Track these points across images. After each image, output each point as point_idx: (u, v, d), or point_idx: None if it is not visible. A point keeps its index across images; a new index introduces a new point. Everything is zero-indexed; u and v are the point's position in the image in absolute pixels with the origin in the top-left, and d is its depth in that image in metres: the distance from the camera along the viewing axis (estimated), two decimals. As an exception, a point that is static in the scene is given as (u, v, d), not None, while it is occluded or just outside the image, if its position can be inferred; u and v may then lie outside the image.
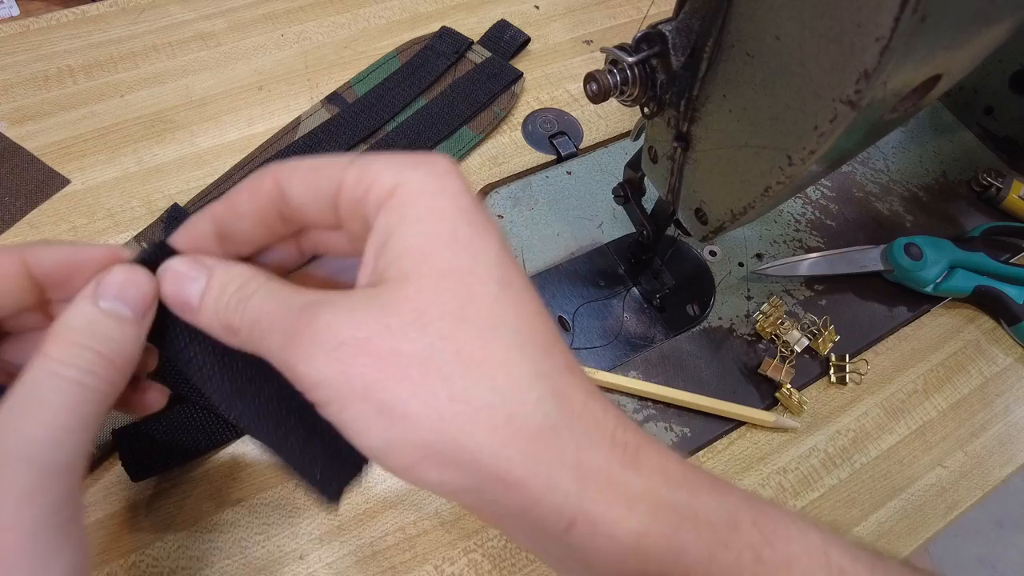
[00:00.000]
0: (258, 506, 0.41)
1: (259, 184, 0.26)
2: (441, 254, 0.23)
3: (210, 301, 0.26)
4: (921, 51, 0.26)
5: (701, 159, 0.36)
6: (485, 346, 0.23)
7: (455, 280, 0.23)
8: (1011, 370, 0.51)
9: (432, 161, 0.25)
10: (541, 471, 0.22)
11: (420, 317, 0.23)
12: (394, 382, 0.22)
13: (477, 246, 0.24)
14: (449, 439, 0.22)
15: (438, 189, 0.24)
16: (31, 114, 0.54)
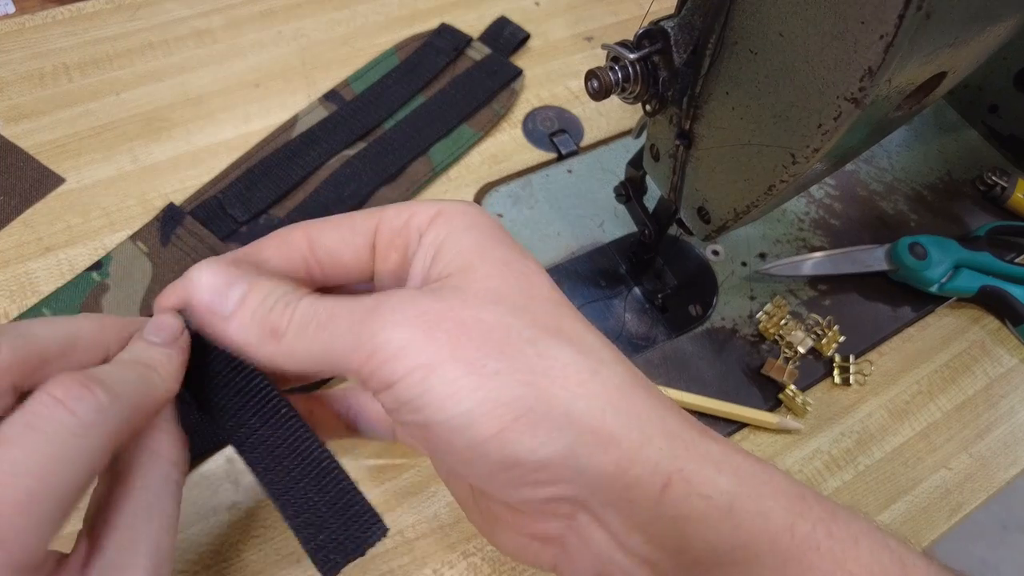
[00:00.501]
0: (255, 509, 0.40)
1: (288, 235, 0.27)
2: (498, 249, 0.25)
3: (250, 306, 0.25)
4: (925, 48, 0.26)
5: (704, 157, 0.36)
6: (559, 320, 0.24)
7: (516, 269, 0.25)
8: (1016, 371, 0.51)
9: (460, 201, 0.27)
10: (635, 424, 0.22)
11: (493, 293, 0.23)
12: (480, 342, 0.22)
13: (524, 253, 0.26)
14: (542, 394, 0.22)
15: (477, 211, 0.26)
16: (26, 112, 0.53)
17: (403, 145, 0.54)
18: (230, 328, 0.25)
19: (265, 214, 0.50)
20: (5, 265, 0.46)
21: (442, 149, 0.55)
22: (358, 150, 0.54)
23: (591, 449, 0.22)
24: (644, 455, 0.22)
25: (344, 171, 0.52)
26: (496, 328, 0.23)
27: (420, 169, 0.54)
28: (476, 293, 0.23)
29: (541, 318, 0.23)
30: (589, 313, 0.49)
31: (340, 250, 0.27)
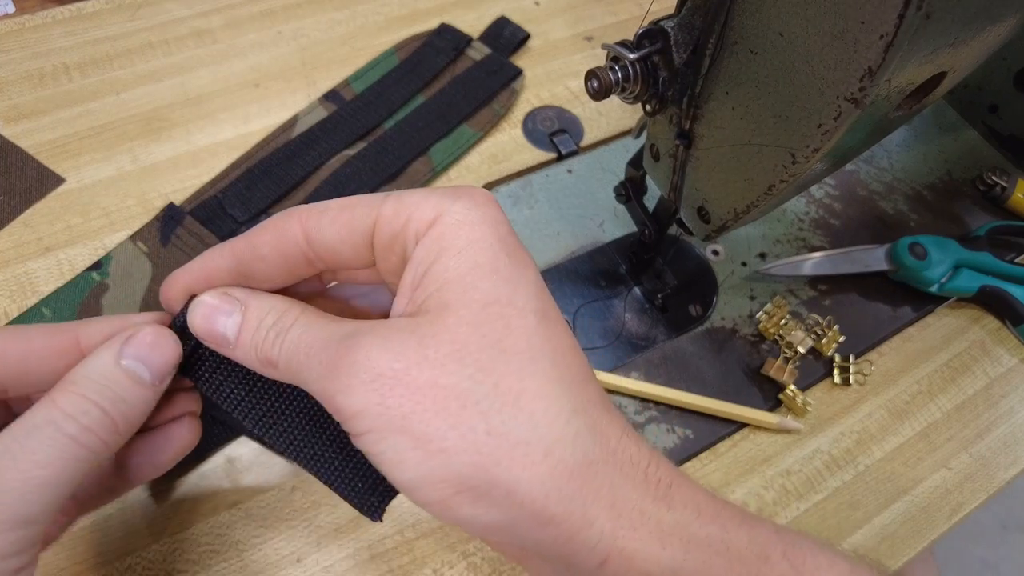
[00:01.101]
0: (255, 509, 0.40)
1: (284, 227, 0.26)
2: (481, 285, 0.23)
3: (247, 336, 0.26)
4: (925, 48, 0.26)
5: (704, 157, 0.36)
6: (523, 379, 0.23)
7: (495, 312, 0.23)
8: (1016, 371, 0.51)
9: (470, 192, 0.25)
10: (577, 508, 0.22)
11: (459, 349, 0.22)
12: (432, 414, 0.22)
13: (517, 277, 0.24)
14: (485, 473, 0.21)
15: (479, 219, 0.24)
16: (26, 112, 0.53)
17: (403, 145, 0.54)
18: (237, 356, 0.26)
19: (265, 214, 0.50)
20: (5, 265, 0.46)
21: (442, 149, 0.55)
22: (358, 150, 0.54)
23: (530, 525, 0.22)
24: (583, 536, 0.22)
25: (344, 171, 0.52)
26: (451, 396, 0.22)
27: (420, 169, 0.54)
28: (441, 345, 0.23)
29: (505, 380, 0.22)
30: (589, 313, 0.49)
31: (338, 247, 0.26)
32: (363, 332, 0.23)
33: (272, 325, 0.25)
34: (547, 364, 0.23)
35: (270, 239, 0.26)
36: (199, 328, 0.27)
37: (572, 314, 0.49)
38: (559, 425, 0.22)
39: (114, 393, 0.26)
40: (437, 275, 0.24)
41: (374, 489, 0.29)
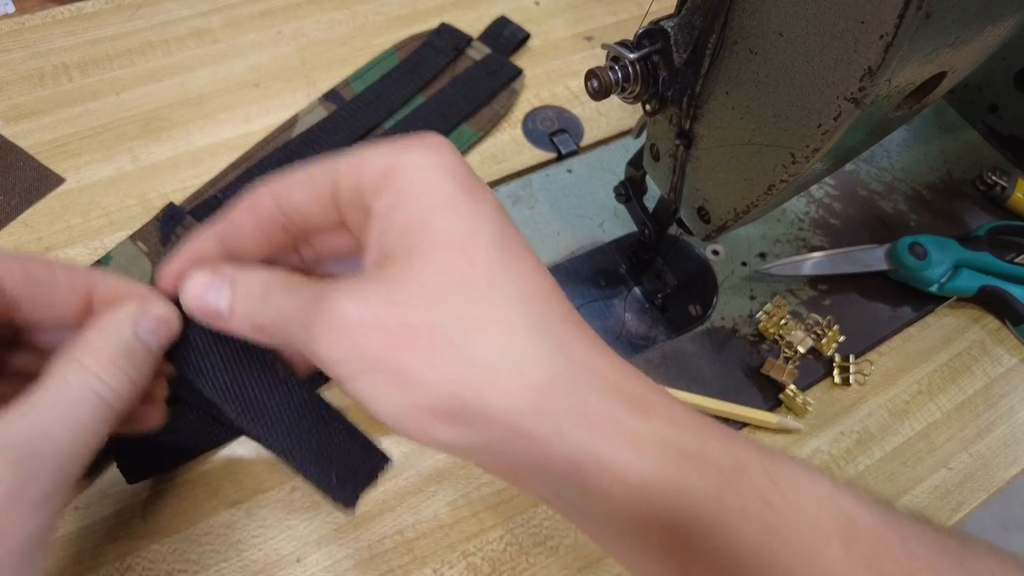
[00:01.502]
0: (255, 508, 0.40)
1: (257, 199, 0.28)
2: (440, 225, 0.24)
3: (239, 307, 0.27)
4: (925, 48, 0.26)
5: (704, 157, 0.36)
6: (487, 307, 0.24)
7: (455, 249, 0.24)
8: (1016, 371, 0.51)
9: (423, 139, 0.26)
10: (550, 421, 0.23)
11: (425, 289, 0.24)
12: (404, 351, 0.23)
13: (475, 213, 0.25)
14: (459, 399, 0.23)
15: (432, 163, 0.26)
16: (26, 112, 0.53)
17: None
18: (233, 327, 0.28)
19: (265, 214, 0.50)
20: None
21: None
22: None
23: (507, 442, 0.23)
24: (558, 447, 0.23)
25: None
26: (421, 333, 0.23)
27: (420, 169, 0.54)
28: (408, 288, 0.24)
29: (471, 311, 0.24)
30: (589, 313, 0.49)
31: (309, 210, 0.27)
32: (336, 287, 0.25)
33: (259, 295, 0.27)
34: (511, 290, 0.24)
35: (246, 213, 0.28)
36: (193, 305, 0.28)
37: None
38: (526, 346, 0.23)
39: (137, 361, 0.27)
40: (398, 223, 0.25)
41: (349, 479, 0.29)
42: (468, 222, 0.25)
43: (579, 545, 0.41)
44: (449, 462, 0.42)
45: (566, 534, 0.41)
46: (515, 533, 0.41)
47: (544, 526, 0.41)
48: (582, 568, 0.40)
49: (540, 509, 0.42)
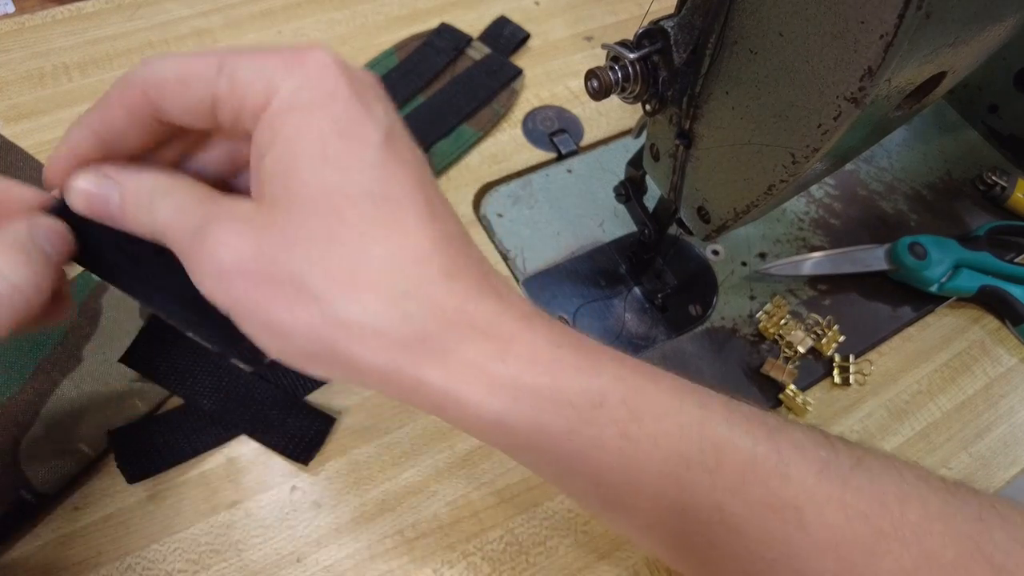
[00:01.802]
0: (255, 508, 0.40)
1: (129, 97, 0.26)
2: (307, 177, 0.24)
3: (130, 210, 0.26)
4: (925, 48, 0.26)
5: (703, 157, 0.36)
6: (354, 268, 0.24)
7: (323, 203, 0.24)
8: (1016, 371, 0.51)
9: (303, 63, 0.25)
10: (410, 371, 0.25)
11: (289, 242, 0.24)
12: (271, 304, 0.24)
13: (348, 161, 0.24)
14: (328, 350, 0.24)
15: (309, 100, 0.24)
16: (26, 112, 0.53)
17: (403, 145, 0.54)
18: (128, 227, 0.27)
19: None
20: (5, 265, 0.46)
21: (442, 148, 0.55)
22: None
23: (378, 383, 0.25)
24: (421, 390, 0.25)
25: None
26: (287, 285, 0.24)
27: (420, 169, 0.54)
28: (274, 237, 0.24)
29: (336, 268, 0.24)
30: (589, 313, 0.49)
31: (183, 119, 0.26)
32: (212, 222, 0.25)
33: (146, 202, 0.26)
34: (380, 250, 0.24)
35: (117, 108, 0.26)
36: (85, 210, 0.27)
37: (572, 314, 0.49)
38: (388, 308, 0.24)
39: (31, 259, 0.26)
40: (269, 166, 0.24)
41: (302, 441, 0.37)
42: (339, 172, 0.24)
43: (579, 545, 0.41)
44: (449, 462, 0.43)
45: (566, 534, 0.41)
46: (515, 533, 0.41)
47: (544, 526, 0.41)
48: (582, 568, 0.40)
49: (540, 509, 0.42)
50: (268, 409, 0.42)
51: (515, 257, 0.51)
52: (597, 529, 0.41)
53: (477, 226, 0.53)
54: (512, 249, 0.51)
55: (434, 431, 0.43)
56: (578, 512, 0.42)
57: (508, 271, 0.51)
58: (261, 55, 0.25)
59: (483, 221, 0.53)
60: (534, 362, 0.26)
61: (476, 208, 0.54)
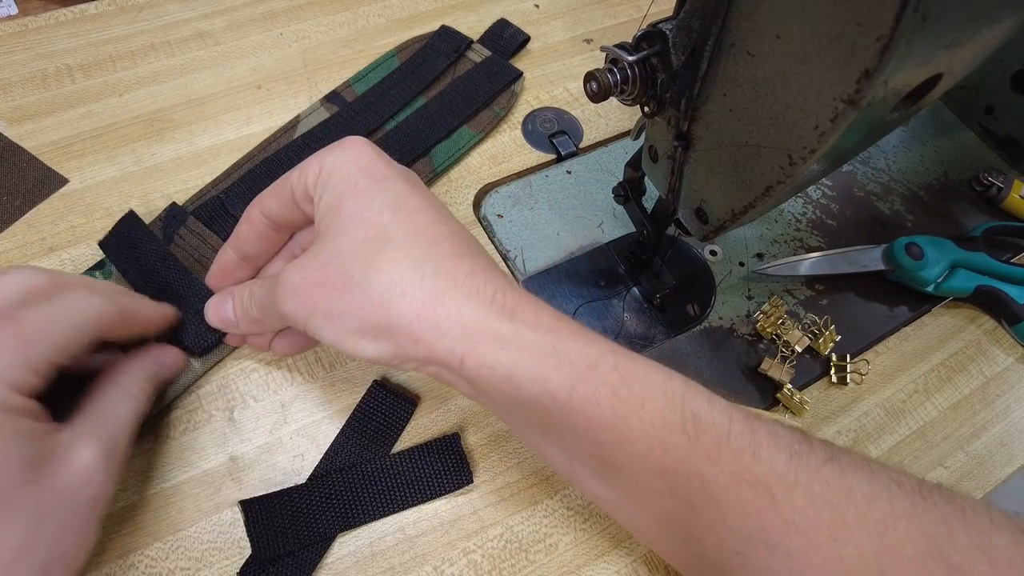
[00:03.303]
0: (257, 506, 0.40)
1: (250, 216, 0.39)
2: (345, 205, 0.33)
3: (239, 312, 0.40)
4: (922, 50, 0.26)
5: (701, 158, 0.36)
6: (382, 254, 0.32)
7: (356, 220, 0.33)
8: (1012, 370, 0.51)
9: (341, 143, 0.36)
10: (432, 327, 0.31)
11: (338, 252, 0.33)
12: (329, 296, 0.32)
13: (374, 190, 0.34)
14: (370, 321, 0.32)
15: (343, 160, 0.34)
16: (29, 113, 0.54)
17: (404, 146, 0.54)
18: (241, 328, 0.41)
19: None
20: (9, 265, 0.47)
21: (443, 150, 0.55)
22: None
23: (409, 346, 0.31)
24: (441, 346, 0.31)
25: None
26: (339, 282, 0.32)
27: (421, 170, 0.54)
28: (327, 254, 0.33)
29: (370, 259, 0.32)
30: (588, 312, 0.50)
31: (281, 213, 0.38)
32: (285, 270, 0.34)
33: (247, 297, 0.39)
34: (401, 240, 0.32)
35: (246, 228, 0.39)
36: (214, 321, 0.41)
37: (571, 313, 0.49)
38: (408, 274, 0.31)
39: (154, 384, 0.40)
40: (322, 208, 0.34)
41: None
42: (367, 198, 0.33)
43: (578, 543, 0.41)
44: (450, 460, 0.43)
45: (565, 532, 0.41)
46: (515, 531, 0.41)
47: (544, 523, 0.41)
48: (581, 566, 0.41)
49: (540, 507, 0.42)
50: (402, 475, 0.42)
51: (515, 257, 0.51)
52: (597, 527, 0.42)
53: (477, 227, 0.53)
54: (512, 249, 0.52)
55: (434, 431, 0.44)
56: (578, 510, 0.42)
57: (508, 271, 0.51)
58: (315, 154, 0.36)
59: (483, 222, 0.53)
60: (536, 325, 0.31)
61: (476, 209, 0.54)
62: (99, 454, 0.33)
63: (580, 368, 0.31)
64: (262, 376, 0.45)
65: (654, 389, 0.31)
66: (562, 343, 0.31)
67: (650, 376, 0.32)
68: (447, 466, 0.42)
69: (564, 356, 0.31)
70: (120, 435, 0.35)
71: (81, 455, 0.32)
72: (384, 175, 0.34)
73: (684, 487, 0.30)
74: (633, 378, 0.31)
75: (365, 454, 0.42)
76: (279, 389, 0.44)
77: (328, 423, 0.43)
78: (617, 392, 0.31)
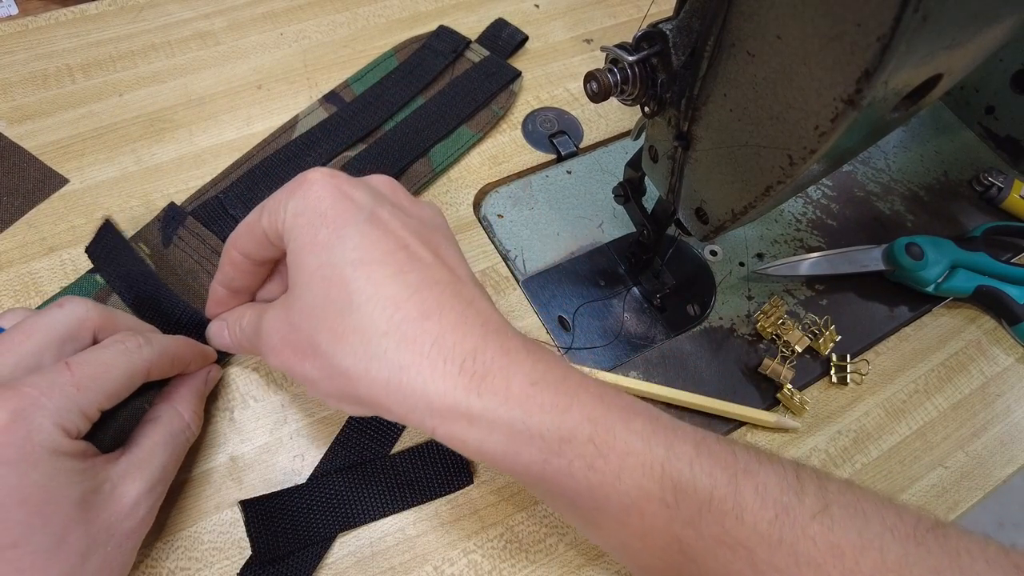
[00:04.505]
0: (257, 507, 0.40)
1: (229, 255, 0.38)
2: (306, 261, 0.32)
3: (235, 339, 0.40)
4: (922, 50, 0.26)
5: (702, 158, 0.36)
6: (344, 321, 0.31)
7: (318, 277, 0.32)
8: (1012, 370, 0.51)
9: (301, 183, 0.34)
10: (399, 401, 0.30)
11: (304, 314, 0.32)
12: (302, 362, 0.33)
13: (333, 243, 0.32)
14: (344, 393, 0.32)
15: (303, 207, 0.33)
16: (30, 113, 0.54)
17: (403, 146, 0.55)
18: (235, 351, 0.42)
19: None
20: (9, 265, 0.47)
21: (442, 150, 0.55)
22: (358, 151, 0.54)
23: (383, 412, 0.31)
24: (411, 418, 0.31)
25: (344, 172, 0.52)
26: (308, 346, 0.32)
27: (420, 170, 0.54)
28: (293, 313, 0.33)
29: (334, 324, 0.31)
30: (588, 313, 0.50)
31: (262, 253, 0.37)
32: (265, 316, 0.35)
33: (240, 328, 0.39)
34: (362, 304, 0.31)
35: (229, 268, 0.38)
36: (215, 343, 0.42)
37: (571, 314, 0.49)
38: (370, 350, 0.30)
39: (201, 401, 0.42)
40: (288, 261, 0.33)
41: None
42: (327, 253, 0.32)
43: (579, 543, 0.41)
44: (450, 460, 0.43)
45: (565, 532, 0.41)
46: (515, 531, 0.41)
47: (544, 524, 0.42)
48: (581, 566, 0.41)
49: (540, 507, 0.42)
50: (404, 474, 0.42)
51: (515, 258, 0.51)
52: (597, 527, 0.42)
53: (477, 227, 0.53)
54: (512, 250, 0.52)
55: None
56: (578, 510, 0.42)
57: (508, 272, 0.51)
58: (279, 192, 0.34)
59: (483, 222, 0.53)
60: (507, 398, 0.30)
61: (476, 209, 0.54)
62: (145, 488, 0.34)
63: (552, 443, 0.30)
64: (262, 376, 0.45)
65: (631, 459, 0.30)
66: (533, 417, 0.30)
67: (628, 445, 0.30)
68: (447, 467, 0.42)
69: (535, 432, 0.30)
70: (169, 467, 0.37)
71: (128, 490, 0.34)
72: (346, 219, 0.32)
73: (664, 550, 0.31)
74: (610, 448, 0.30)
75: (365, 454, 0.42)
76: (279, 389, 0.44)
77: (328, 423, 0.43)
78: (592, 464, 0.30)
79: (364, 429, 0.43)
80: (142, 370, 0.35)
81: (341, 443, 0.42)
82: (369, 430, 0.43)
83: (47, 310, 0.35)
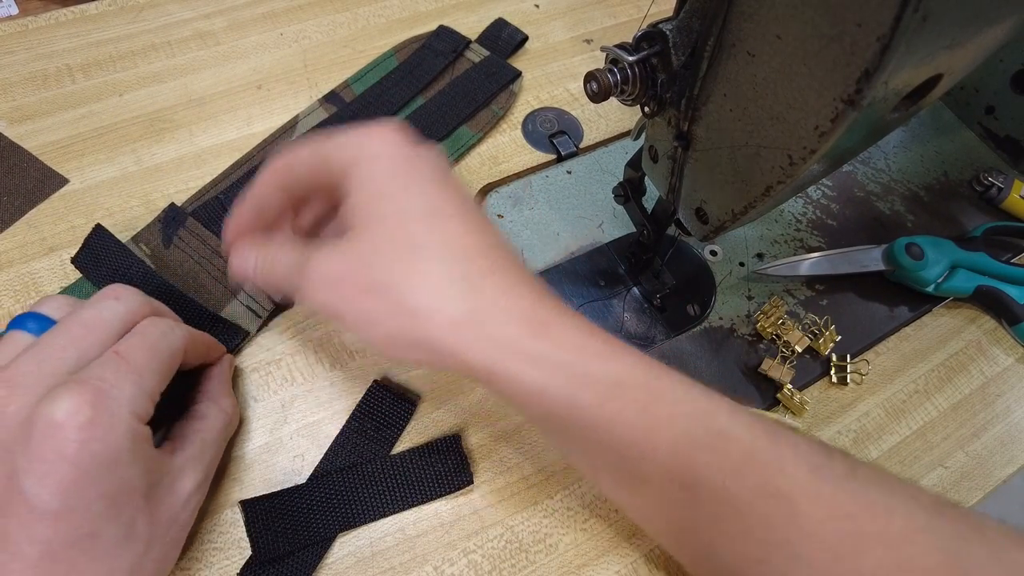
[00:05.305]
0: (257, 507, 0.40)
1: (272, 173, 0.37)
2: (381, 205, 0.33)
3: (260, 272, 0.38)
4: (922, 50, 0.26)
5: (702, 158, 0.36)
6: (415, 265, 0.32)
7: (392, 221, 0.33)
8: (1012, 370, 0.51)
9: (380, 129, 0.35)
10: (465, 344, 0.31)
11: (372, 253, 0.32)
12: (364, 299, 0.32)
13: (409, 190, 0.33)
14: (406, 334, 0.32)
15: (381, 151, 0.34)
16: (30, 113, 0.54)
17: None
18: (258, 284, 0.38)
19: (267, 215, 0.50)
20: (9, 265, 0.47)
21: (442, 150, 0.55)
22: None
23: (444, 358, 0.32)
24: (474, 361, 0.31)
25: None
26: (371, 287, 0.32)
27: (421, 170, 0.54)
28: (358, 254, 0.33)
29: (407, 266, 0.32)
30: (589, 312, 0.50)
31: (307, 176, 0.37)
32: (318, 251, 0.34)
33: (269, 263, 0.37)
34: (435, 251, 0.32)
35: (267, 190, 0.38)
36: (236, 271, 0.39)
37: (572, 314, 0.49)
38: (443, 291, 0.32)
39: None
40: (353, 202, 0.34)
41: None
42: (403, 201, 0.33)
43: (579, 543, 0.41)
44: (450, 460, 0.43)
45: (565, 532, 0.41)
46: (515, 531, 0.41)
47: (544, 523, 0.42)
48: (581, 566, 0.41)
49: (540, 507, 0.42)
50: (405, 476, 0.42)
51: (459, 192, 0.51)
52: (597, 527, 0.42)
53: (477, 227, 0.53)
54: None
55: (434, 431, 0.44)
56: (578, 510, 0.42)
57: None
58: (351, 132, 0.35)
59: (483, 222, 0.53)
60: (564, 344, 0.32)
61: (476, 209, 0.54)
62: (197, 484, 0.36)
63: (608, 386, 0.31)
64: (262, 376, 0.45)
65: (681, 406, 0.32)
66: (591, 362, 0.32)
67: (677, 393, 0.32)
68: (447, 467, 0.42)
69: (592, 375, 0.31)
70: (216, 458, 0.38)
71: (184, 484, 0.35)
72: (420, 171, 0.34)
73: (708, 500, 0.31)
74: (660, 395, 0.32)
75: (365, 454, 0.42)
76: (279, 389, 0.44)
77: (328, 423, 0.43)
78: (645, 409, 0.31)
79: (364, 429, 0.43)
80: (180, 349, 0.36)
81: (341, 443, 0.42)
82: (369, 430, 0.43)
83: (101, 301, 0.36)
